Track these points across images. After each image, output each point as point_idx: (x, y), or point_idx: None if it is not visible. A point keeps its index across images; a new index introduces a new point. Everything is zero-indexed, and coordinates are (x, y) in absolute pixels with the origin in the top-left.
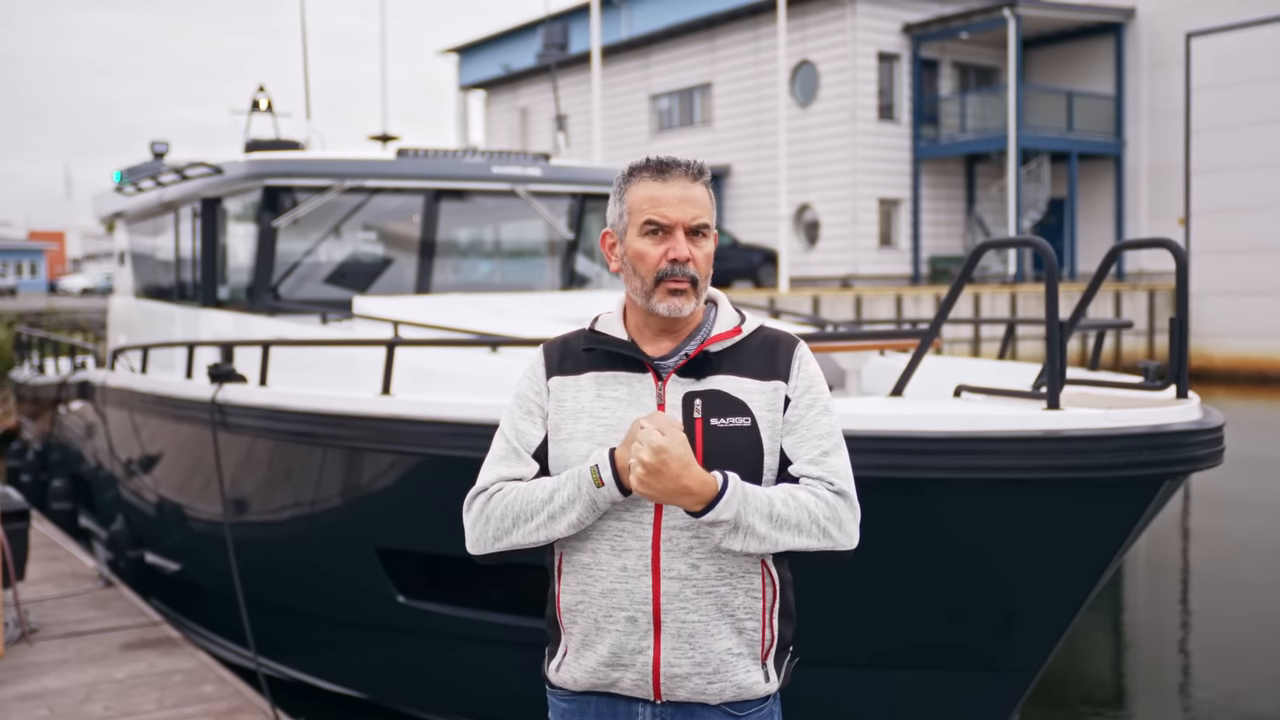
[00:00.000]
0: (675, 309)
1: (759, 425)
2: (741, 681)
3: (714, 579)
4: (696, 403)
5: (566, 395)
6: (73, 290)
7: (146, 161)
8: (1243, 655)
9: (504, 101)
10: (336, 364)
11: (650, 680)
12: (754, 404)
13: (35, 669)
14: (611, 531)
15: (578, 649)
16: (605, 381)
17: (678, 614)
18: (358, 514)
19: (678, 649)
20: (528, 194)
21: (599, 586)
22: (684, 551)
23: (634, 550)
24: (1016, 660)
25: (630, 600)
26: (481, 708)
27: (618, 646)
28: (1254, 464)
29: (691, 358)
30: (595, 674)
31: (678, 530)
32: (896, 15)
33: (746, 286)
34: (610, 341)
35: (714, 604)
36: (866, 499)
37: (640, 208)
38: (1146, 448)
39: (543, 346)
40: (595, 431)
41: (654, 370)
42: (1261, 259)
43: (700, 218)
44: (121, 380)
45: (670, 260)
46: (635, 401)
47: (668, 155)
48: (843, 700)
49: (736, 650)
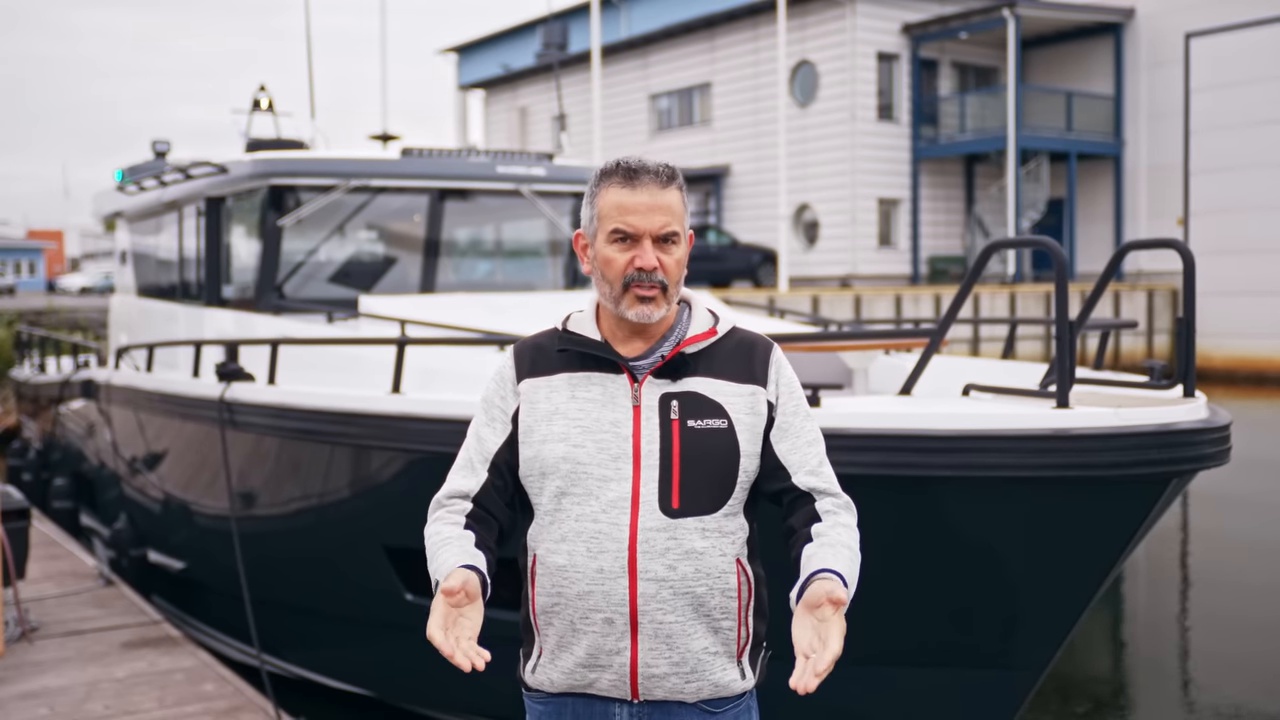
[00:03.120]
0: (643, 315)
1: (736, 428)
2: (719, 680)
3: (691, 580)
4: (673, 404)
5: (539, 396)
6: (71, 289)
7: (148, 161)
8: (1242, 655)
9: (503, 101)
10: (340, 363)
11: (628, 681)
12: (731, 407)
13: (35, 667)
14: (588, 534)
15: (553, 651)
16: (578, 382)
17: (654, 615)
18: (366, 512)
19: (655, 649)
20: (532, 194)
21: (575, 589)
22: (660, 553)
23: (610, 552)
24: (1024, 658)
25: (607, 602)
26: (488, 706)
27: (594, 648)
28: (1254, 464)
29: (668, 359)
30: (572, 675)
31: (654, 532)
32: (896, 15)
33: (746, 286)
34: (584, 342)
35: (690, 605)
36: (877, 497)
37: (608, 214)
38: (1155, 446)
39: (514, 348)
40: (570, 433)
41: (629, 372)
42: (1260, 259)
43: (669, 225)
44: (127, 379)
45: (636, 268)
46: (610, 402)
47: (638, 160)
48: (850, 698)
49: (713, 649)
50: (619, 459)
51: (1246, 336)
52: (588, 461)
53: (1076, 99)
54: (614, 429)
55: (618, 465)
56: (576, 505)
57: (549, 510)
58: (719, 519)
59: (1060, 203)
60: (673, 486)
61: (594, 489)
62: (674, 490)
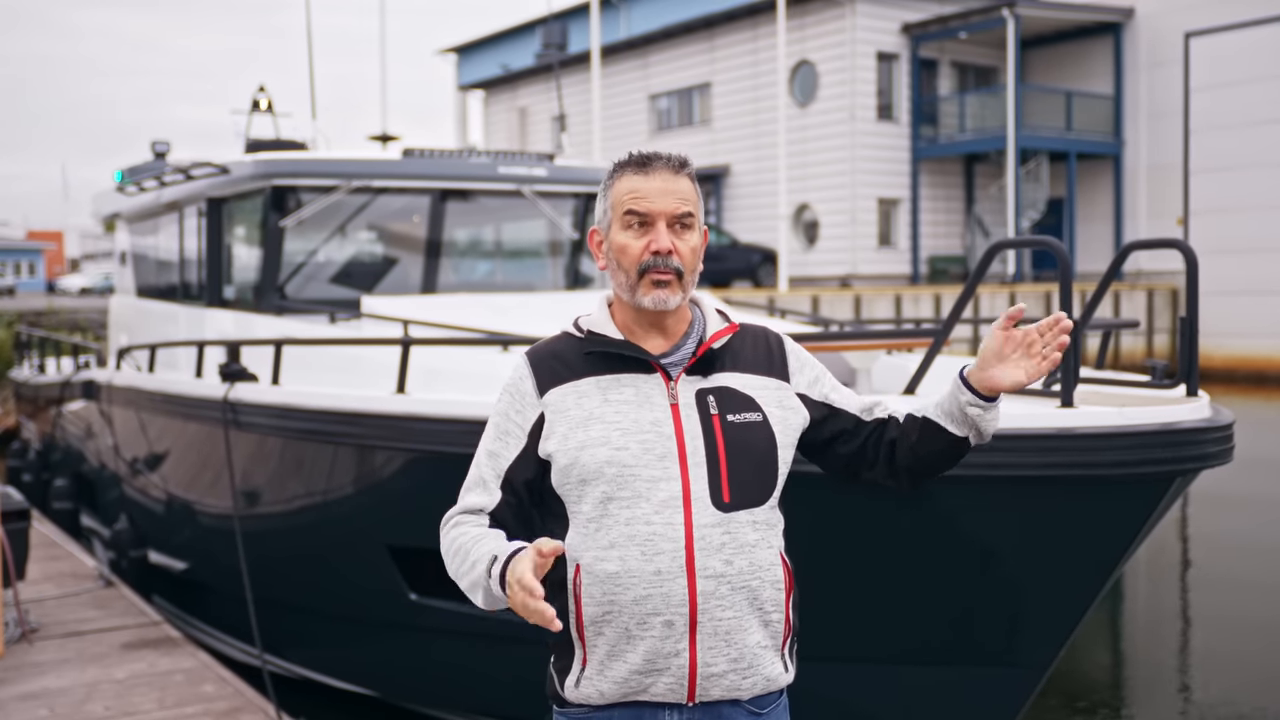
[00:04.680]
0: (660, 301)
1: (770, 420)
2: (769, 674)
3: (746, 574)
4: (710, 400)
5: (568, 404)
6: (71, 290)
7: (148, 161)
8: (1241, 655)
9: (503, 101)
10: (341, 363)
11: (686, 683)
12: (762, 400)
13: (35, 668)
14: (641, 537)
15: (603, 661)
16: (608, 385)
17: (714, 612)
18: (370, 511)
19: (714, 648)
20: (533, 194)
21: (630, 594)
22: (717, 549)
23: (667, 553)
24: (1029, 656)
25: (666, 604)
26: (492, 706)
27: (652, 652)
28: (1254, 464)
29: (699, 355)
30: (626, 684)
31: (710, 528)
32: (895, 15)
33: (746, 286)
34: (613, 343)
35: (747, 599)
36: (883, 496)
37: (622, 200)
38: (1159, 445)
39: (527, 358)
40: (611, 436)
41: (663, 370)
42: (1260, 259)
43: (683, 207)
44: (128, 379)
45: (653, 252)
46: (646, 402)
47: (650, 150)
48: (856, 696)
49: (764, 643)
50: (665, 458)
51: (1246, 336)
52: (633, 463)
53: (1076, 99)
54: (655, 428)
55: (665, 465)
56: (625, 509)
57: (593, 518)
58: (766, 510)
59: (1060, 202)
60: (722, 481)
61: (643, 490)
62: (723, 485)
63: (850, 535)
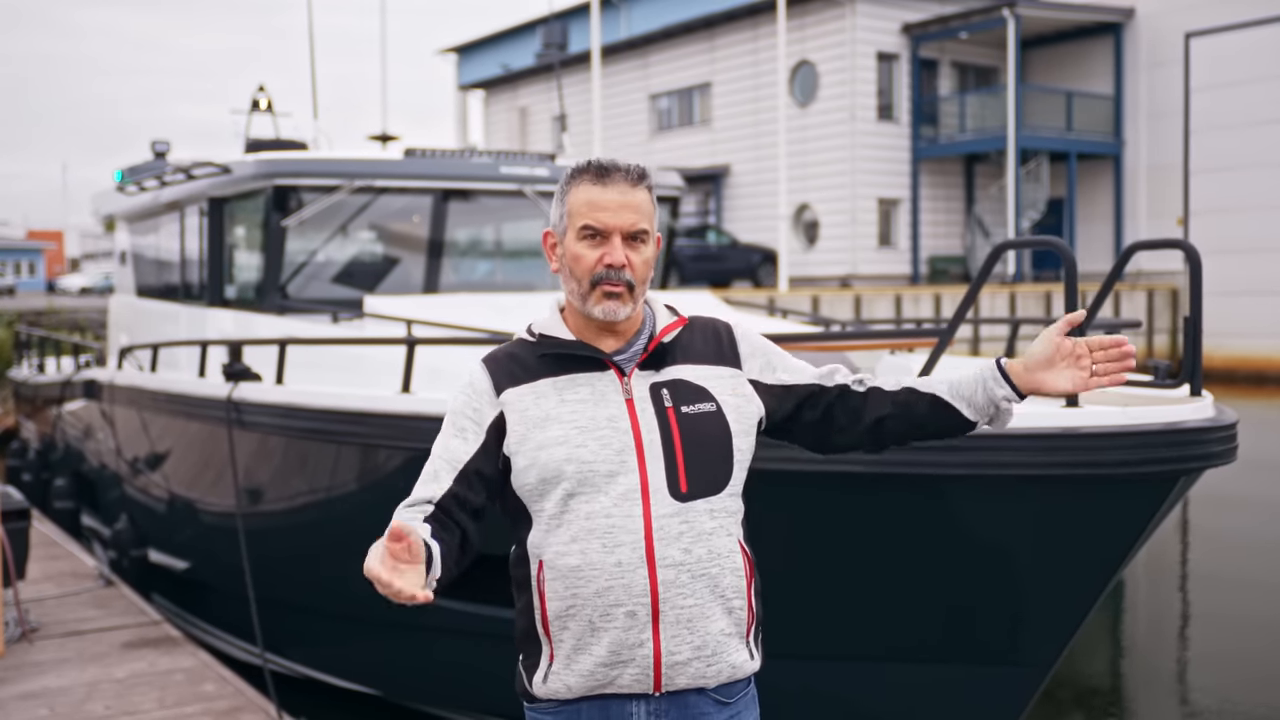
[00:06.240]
0: (610, 313)
1: (723, 409)
2: (734, 661)
3: (705, 561)
4: (664, 392)
5: (526, 404)
6: (71, 289)
7: (148, 161)
8: (1242, 655)
9: (503, 101)
10: (343, 363)
11: (651, 672)
12: (714, 389)
13: (35, 668)
14: (601, 530)
15: (568, 655)
16: (564, 385)
17: (675, 601)
18: (374, 510)
19: (677, 636)
20: (535, 194)
21: (592, 587)
22: (675, 537)
23: (627, 544)
24: (1032, 655)
25: (628, 595)
26: (494, 705)
27: (617, 644)
28: (1255, 464)
29: (650, 350)
30: (592, 677)
31: (667, 518)
32: (896, 15)
33: (746, 286)
34: (566, 344)
35: (707, 586)
36: (888, 495)
37: (579, 211)
38: (1163, 445)
39: (483, 361)
40: (569, 435)
41: (615, 366)
42: (1260, 259)
43: (638, 224)
44: (130, 379)
45: (606, 265)
46: (601, 399)
47: (609, 159)
48: (858, 694)
49: (728, 630)
50: (622, 452)
51: (1247, 336)
52: (592, 459)
53: (1076, 99)
54: (611, 424)
55: (623, 459)
56: (585, 504)
57: (554, 514)
58: (725, 499)
59: (1060, 202)
60: (679, 472)
61: (602, 485)
62: (680, 475)
63: (853, 534)
